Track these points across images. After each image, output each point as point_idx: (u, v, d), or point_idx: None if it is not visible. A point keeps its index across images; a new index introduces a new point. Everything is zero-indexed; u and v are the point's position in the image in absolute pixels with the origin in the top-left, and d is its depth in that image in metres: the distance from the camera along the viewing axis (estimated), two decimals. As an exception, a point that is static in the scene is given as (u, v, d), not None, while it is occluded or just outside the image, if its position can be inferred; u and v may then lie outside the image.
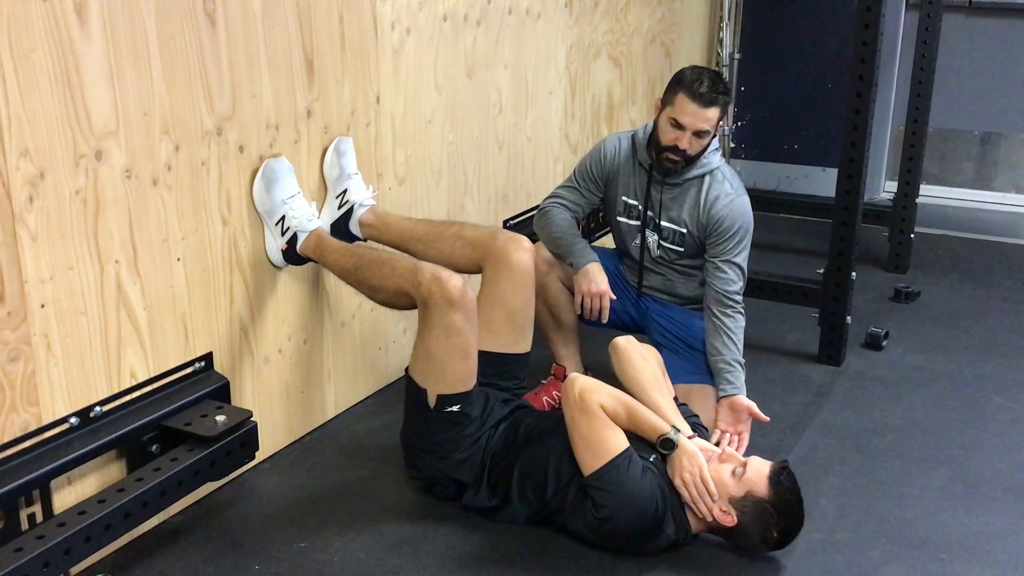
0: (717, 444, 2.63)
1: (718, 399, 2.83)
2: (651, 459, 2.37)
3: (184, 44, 2.27)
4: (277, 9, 2.51)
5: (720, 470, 2.34)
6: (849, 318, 3.44)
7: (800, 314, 3.58)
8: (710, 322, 2.91)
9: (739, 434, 2.78)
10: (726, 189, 2.92)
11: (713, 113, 2.80)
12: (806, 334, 3.59)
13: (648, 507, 2.29)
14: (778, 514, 2.29)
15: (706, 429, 2.68)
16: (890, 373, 3.42)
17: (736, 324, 2.89)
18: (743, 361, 2.87)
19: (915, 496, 2.68)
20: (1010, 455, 2.90)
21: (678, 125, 2.82)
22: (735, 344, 2.87)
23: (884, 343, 3.61)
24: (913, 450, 2.91)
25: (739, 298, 2.91)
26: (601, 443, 2.32)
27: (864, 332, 3.61)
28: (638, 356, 2.59)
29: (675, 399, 2.59)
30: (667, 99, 2.85)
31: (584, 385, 2.39)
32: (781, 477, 2.32)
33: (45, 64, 1.97)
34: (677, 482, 2.34)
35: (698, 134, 2.82)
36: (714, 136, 2.91)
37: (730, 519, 2.30)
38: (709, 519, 2.33)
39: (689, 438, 2.41)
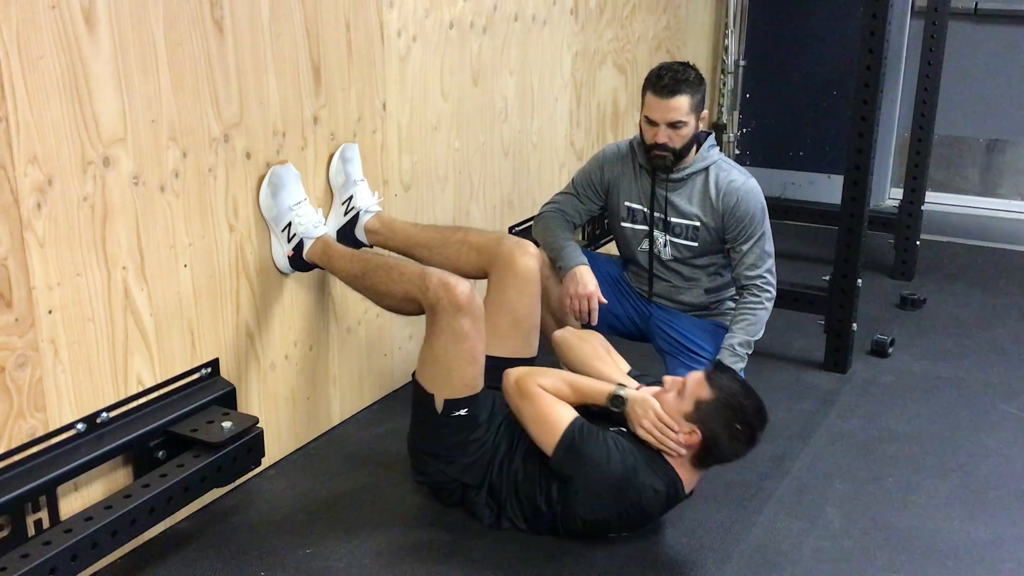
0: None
1: None
2: (613, 431, 2.38)
3: (192, 51, 2.28)
4: (284, 17, 2.52)
5: (667, 399, 2.36)
6: (855, 325, 3.44)
7: (806, 321, 3.58)
8: (736, 306, 2.98)
9: None
10: (734, 175, 2.95)
11: (679, 103, 2.82)
12: (812, 341, 3.59)
13: (614, 463, 2.30)
14: (730, 406, 2.31)
15: (660, 382, 2.68)
16: (896, 380, 3.42)
17: (750, 305, 2.92)
18: (744, 341, 2.88)
19: (921, 504, 2.67)
20: (1017, 463, 2.89)
21: (651, 122, 2.87)
22: (745, 326, 2.90)
23: (890, 350, 3.60)
24: (919, 458, 2.91)
25: (762, 282, 2.93)
26: (549, 419, 2.35)
27: (870, 339, 3.60)
28: (575, 338, 2.64)
29: (631, 373, 2.59)
30: (641, 100, 2.92)
31: (519, 373, 2.43)
32: (716, 374, 2.36)
33: (54, 71, 1.98)
34: (640, 432, 2.36)
35: (672, 125, 2.85)
36: (709, 130, 2.94)
37: (696, 436, 2.32)
38: (683, 451, 2.34)
39: (636, 389, 2.42)
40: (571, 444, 2.31)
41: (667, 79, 2.83)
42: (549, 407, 2.37)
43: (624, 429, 2.40)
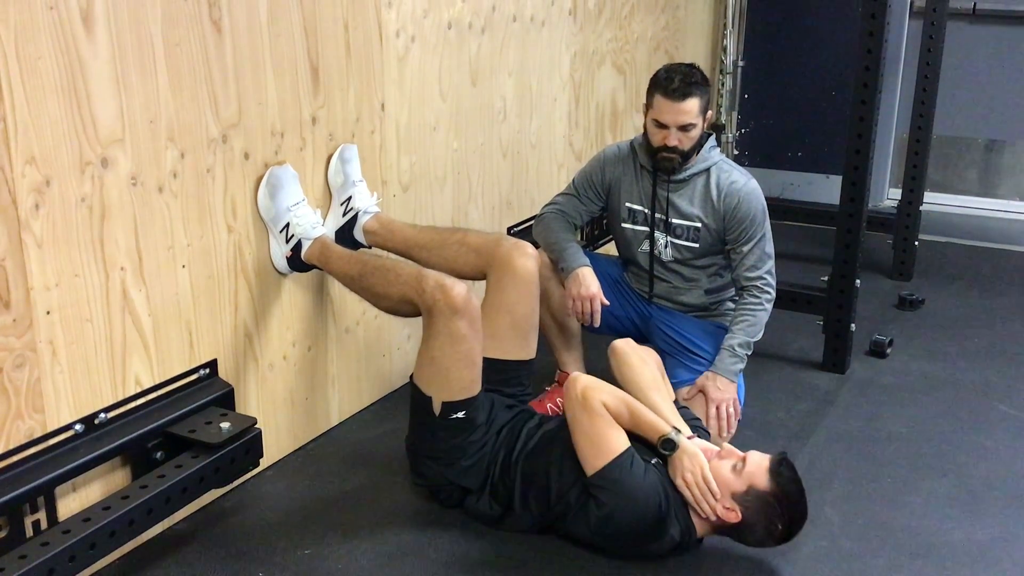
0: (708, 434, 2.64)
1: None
2: (652, 461, 2.36)
3: (190, 52, 2.28)
4: (283, 17, 2.52)
5: (720, 467, 2.33)
6: (853, 326, 3.44)
7: (804, 321, 3.58)
8: (736, 307, 2.99)
9: (717, 409, 2.83)
10: (735, 176, 2.95)
11: (690, 105, 2.82)
12: (810, 342, 3.59)
13: (650, 506, 2.28)
14: (781, 505, 2.28)
15: (707, 432, 2.68)
16: (895, 381, 3.42)
17: (750, 306, 2.92)
18: (744, 342, 2.88)
19: (920, 504, 2.67)
20: (1015, 463, 2.89)
21: (661, 124, 2.87)
22: (744, 327, 2.90)
23: (888, 351, 3.60)
24: (918, 458, 2.91)
25: (762, 283, 2.93)
26: (604, 441, 2.32)
27: (868, 340, 3.60)
28: (636, 358, 2.59)
29: (676, 402, 2.59)
30: (648, 102, 2.92)
31: (587, 384, 2.39)
32: (781, 468, 2.30)
33: (51, 72, 1.98)
34: (679, 482, 2.33)
35: (683, 128, 2.85)
36: (710, 130, 2.94)
37: (734, 515, 2.29)
38: (713, 518, 2.32)
39: (688, 439, 2.40)
40: (617, 474, 2.28)
41: (678, 82, 2.82)
42: (606, 429, 2.33)
43: (663, 463, 2.37)
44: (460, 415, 2.43)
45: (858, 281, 3.42)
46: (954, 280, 4.44)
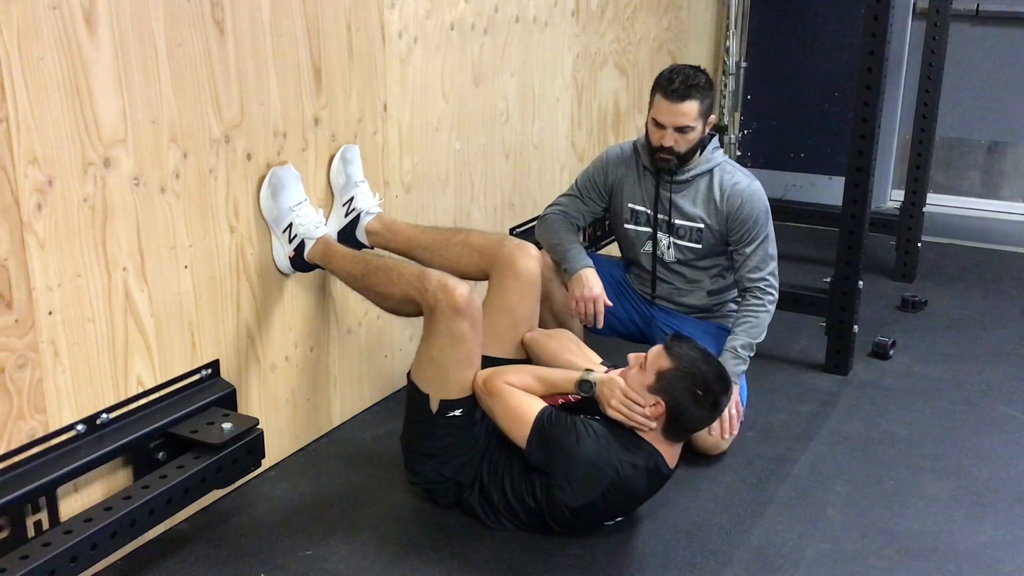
0: None
1: None
2: (590, 417, 2.40)
3: (192, 52, 2.28)
4: (285, 17, 2.52)
5: (631, 376, 2.39)
6: (856, 327, 3.44)
7: (807, 323, 3.57)
8: (738, 308, 2.98)
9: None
10: (738, 177, 2.96)
11: (688, 107, 2.82)
12: (813, 343, 3.59)
13: (586, 447, 2.32)
14: (690, 373, 2.33)
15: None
16: (897, 382, 3.42)
17: (752, 307, 2.92)
18: (746, 344, 2.88)
19: (922, 506, 2.67)
20: (1018, 465, 2.89)
21: (659, 124, 2.87)
22: (747, 328, 2.90)
23: (891, 352, 3.60)
24: (920, 460, 2.90)
25: (765, 284, 2.94)
26: (518, 413, 2.38)
27: (871, 341, 3.60)
28: (542, 336, 2.66)
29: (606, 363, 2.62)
30: (649, 102, 2.92)
31: (485, 374, 2.45)
32: (674, 344, 2.38)
33: (54, 72, 1.98)
34: (610, 412, 2.37)
35: (680, 130, 2.85)
36: (713, 131, 2.94)
37: (660, 407, 2.33)
38: (652, 424, 2.35)
39: (605, 373, 2.44)
40: (540, 433, 2.34)
41: (678, 83, 2.82)
42: (517, 401, 2.39)
43: (598, 416, 2.41)
44: (457, 413, 2.44)
45: (861, 282, 3.41)
46: (957, 282, 4.43)
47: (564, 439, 2.33)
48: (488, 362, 2.53)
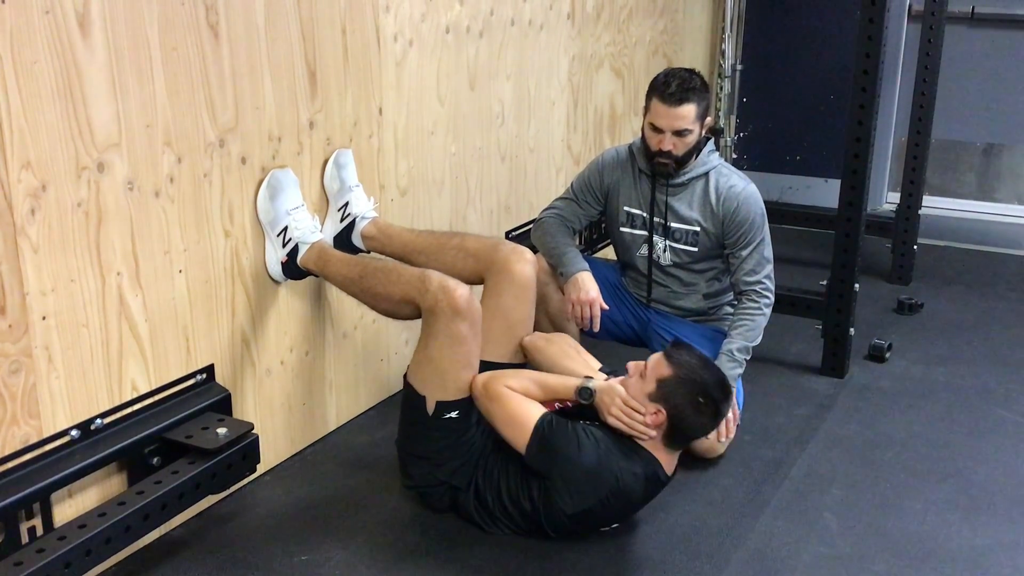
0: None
1: None
2: (589, 423, 2.40)
3: (187, 56, 2.27)
4: (280, 21, 2.51)
5: (631, 384, 2.38)
6: (852, 330, 3.43)
7: (803, 326, 3.57)
8: (735, 311, 2.98)
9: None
10: (734, 180, 2.95)
11: (686, 111, 2.82)
12: (809, 346, 3.59)
13: (586, 452, 2.31)
14: (691, 380, 2.33)
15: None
16: (893, 385, 3.41)
17: (748, 310, 2.92)
18: (743, 347, 2.88)
19: (919, 509, 2.66)
20: (1014, 468, 2.89)
21: (657, 129, 2.86)
22: (743, 332, 2.90)
23: (887, 355, 3.60)
24: (917, 463, 2.90)
25: (761, 288, 2.93)
26: (519, 418, 2.37)
27: (867, 344, 3.60)
28: (541, 340, 2.66)
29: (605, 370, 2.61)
30: (645, 106, 2.92)
31: (485, 377, 2.44)
32: (673, 350, 2.37)
33: (47, 76, 1.97)
34: (610, 420, 2.37)
35: (678, 133, 2.85)
36: (709, 134, 2.94)
37: (661, 415, 2.33)
38: (652, 433, 2.34)
39: (605, 380, 2.44)
40: (541, 439, 2.33)
41: (675, 87, 2.82)
42: (517, 406, 2.39)
43: (597, 423, 2.41)
44: (453, 415, 2.43)
45: (857, 285, 3.41)
46: (953, 284, 4.44)
47: (564, 446, 2.33)
48: (485, 366, 2.52)
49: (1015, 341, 3.80)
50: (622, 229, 3.08)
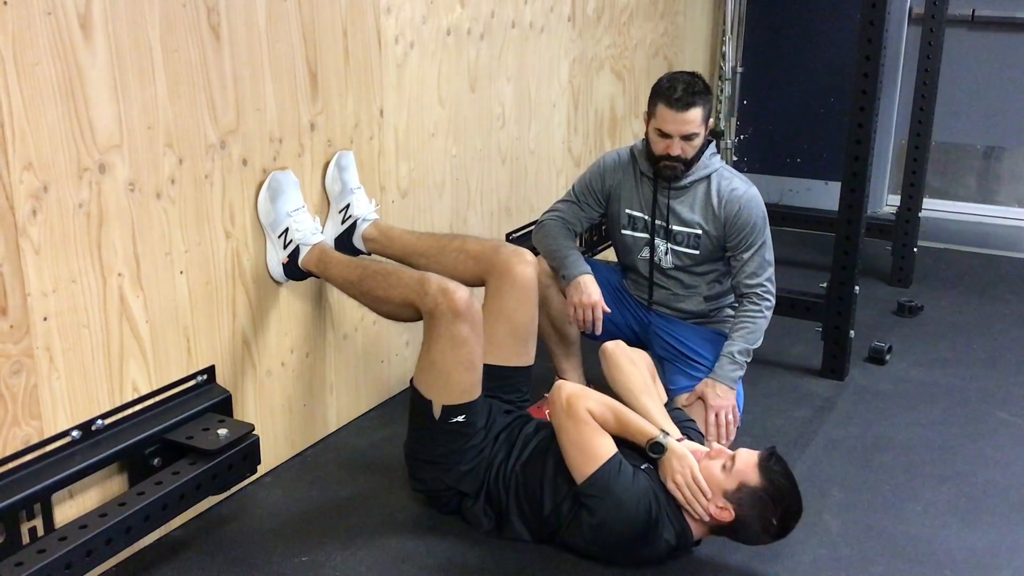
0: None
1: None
2: (643, 467, 2.35)
3: (188, 57, 2.27)
4: (281, 23, 2.52)
5: (710, 466, 2.31)
6: (852, 332, 3.44)
7: (803, 328, 3.57)
8: (736, 314, 2.98)
9: (717, 416, 2.84)
10: (736, 183, 2.95)
11: (694, 115, 2.82)
12: (809, 348, 3.59)
13: (640, 511, 2.27)
14: (774, 500, 2.26)
15: (702, 435, 2.67)
16: (893, 387, 3.42)
17: (749, 313, 2.92)
18: (743, 349, 2.88)
19: (919, 512, 2.66)
20: (1015, 470, 2.89)
21: (664, 134, 2.86)
22: (744, 334, 2.90)
23: (887, 357, 3.60)
24: (917, 465, 2.90)
25: (762, 290, 2.93)
26: (591, 448, 2.31)
27: (867, 346, 3.60)
28: (627, 360, 2.59)
29: (669, 404, 2.59)
30: (650, 111, 2.91)
31: (572, 391, 2.39)
32: (770, 463, 2.29)
33: (49, 77, 1.98)
34: (670, 485, 2.32)
35: (686, 138, 2.85)
36: (709, 137, 2.94)
37: (727, 514, 2.28)
38: (707, 519, 2.30)
39: (679, 441, 2.39)
40: (606, 480, 2.28)
41: (681, 91, 2.81)
42: (592, 436, 2.32)
43: (654, 467, 2.36)
44: (460, 419, 2.42)
45: (857, 288, 3.42)
46: (953, 286, 4.44)
47: (624, 497, 2.27)
48: (488, 369, 2.52)
49: (1015, 343, 3.80)
50: (623, 232, 3.08)
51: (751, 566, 2.40)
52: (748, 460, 2.29)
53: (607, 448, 2.31)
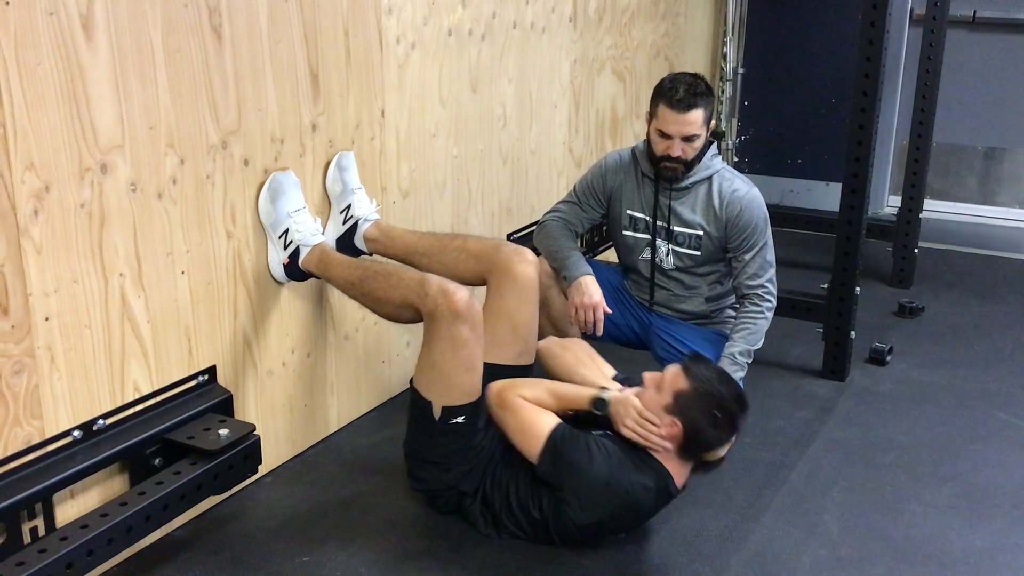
0: None
1: None
2: (599, 433, 2.40)
3: (190, 58, 2.28)
4: (283, 23, 2.52)
5: (646, 396, 2.38)
6: (853, 333, 3.44)
7: (804, 329, 3.57)
8: (737, 315, 2.99)
9: None
10: (737, 184, 2.96)
11: (695, 116, 2.82)
12: (810, 349, 3.59)
13: (600, 465, 2.31)
14: (709, 394, 2.32)
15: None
16: (894, 388, 3.42)
17: (750, 314, 2.93)
18: (745, 350, 2.89)
19: (919, 512, 2.67)
20: (1015, 471, 2.89)
21: (665, 135, 2.86)
22: (745, 335, 2.91)
23: (888, 358, 3.60)
24: (917, 466, 2.90)
25: (763, 291, 2.94)
26: (532, 428, 2.38)
27: (868, 347, 3.60)
28: (557, 347, 2.68)
29: (619, 377, 2.62)
30: (651, 112, 2.91)
31: (500, 386, 2.45)
32: (690, 364, 2.37)
33: (51, 78, 1.98)
34: (624, 431, 2.37)
35: (687, 139, 2.85)
36: (711, 138, 2.94)
37: (676, 428, 2.33)
38: (667, 445, 2.34)
39: (619, 391, 2.44)
40: (554, 450, 2.33)
41: (682, 92, 2.81)
42: (531, 416, 2.39)
43: (610, 432, 2.41)
44: (460, 420, 2.43)
45: (858, 288, 3.42)
46: (954, 287, 4.44)
47: (576, 458, 2.32)
48: (491, 369, 2.52)
49: (1016, 344, 3.80)
50: (625, 232, 3.08)
51: (752, 566, 2.40)
52: (674, 371, 2.38)
53: (548, 422, 2.38)
